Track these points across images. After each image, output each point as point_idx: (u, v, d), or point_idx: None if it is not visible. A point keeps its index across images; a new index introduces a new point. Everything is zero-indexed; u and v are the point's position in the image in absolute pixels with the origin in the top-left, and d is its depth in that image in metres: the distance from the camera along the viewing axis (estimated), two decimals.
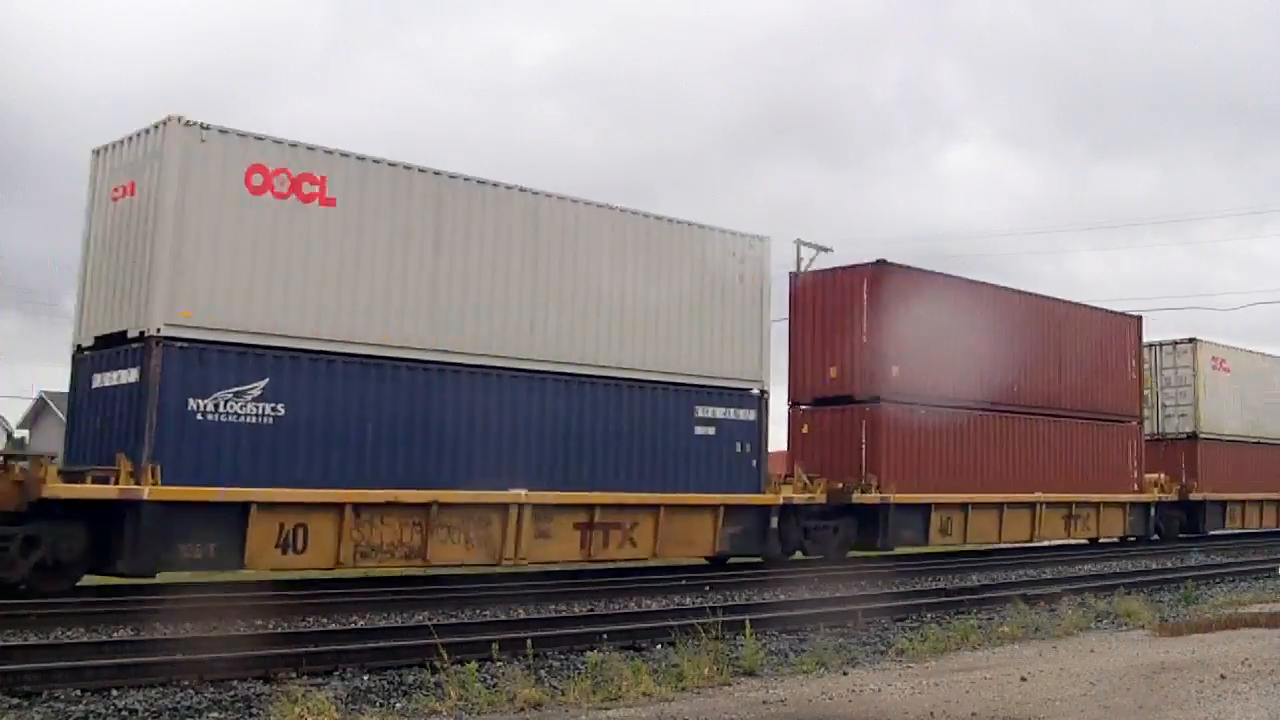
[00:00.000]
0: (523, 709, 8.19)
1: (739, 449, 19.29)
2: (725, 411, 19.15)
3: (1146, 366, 31.10)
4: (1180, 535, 30.60)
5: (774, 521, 19.54)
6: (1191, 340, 32.02)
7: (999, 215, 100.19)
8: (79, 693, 8.51)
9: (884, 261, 22.52)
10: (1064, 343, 26.33)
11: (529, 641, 10.22)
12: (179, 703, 8.41)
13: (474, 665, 9.05)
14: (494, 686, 8.75)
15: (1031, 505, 24.79)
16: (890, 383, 21.99)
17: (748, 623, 11.13)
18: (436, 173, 16.23)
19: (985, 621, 13.35)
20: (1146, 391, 30.82)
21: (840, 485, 21.06)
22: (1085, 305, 27.73)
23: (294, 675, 9.13)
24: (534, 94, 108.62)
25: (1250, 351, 34.55)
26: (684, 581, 17.35)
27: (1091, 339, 27.28)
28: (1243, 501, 33.08)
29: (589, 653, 10.34)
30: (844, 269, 23.37)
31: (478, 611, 13.96)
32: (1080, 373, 26.66)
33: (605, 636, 11.18)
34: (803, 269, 33.25)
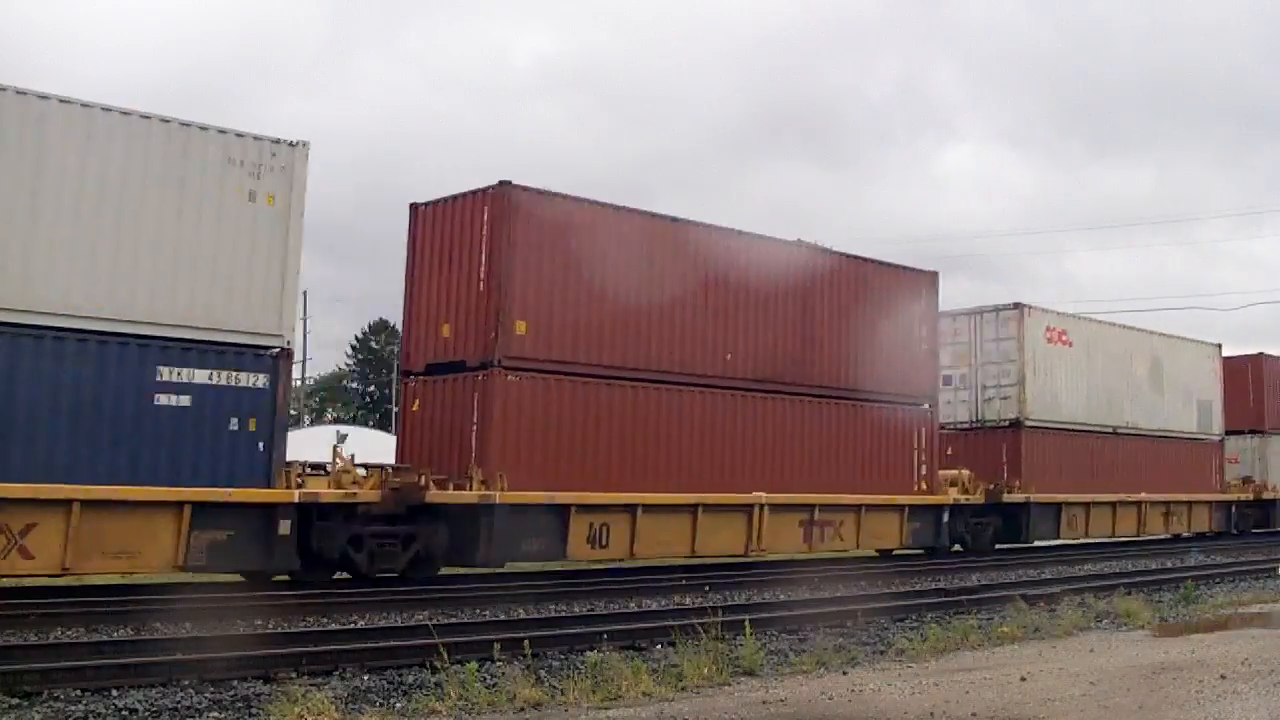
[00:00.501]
0: (523, 709, 8.20)
1: (235, 426, 14.26)
2: (212, 375, 14.11)
3: (963, 339, 25.97)
4: (997, 546, 24.79)
5: (283, 527, 14.30)
6: (1017, 306, 25.85)
7: (997, 215, 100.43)
8: (79, 693, 8.53)
9: (508, 182, 16.98)
10: (813, 301, 20.73)
11: (528, 641, 10.24)
12: (179, 703, 8.43)
13: (474, 665, 9.05)
14: (494, 686, 8.76)
15: (748, 509, 19.18)
16: (513, 343, 16.69)
17: (748, 622, 11.15)
18: None
19: (985, 621, 13.36)
20: (965, 370, 25.86)
21: (418, 479, 15.53)
22: (850, 255, 22.05)
23: (294, 675, 9.14)
24: (531, 94, 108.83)
25: (1103, 322, 28.43)
26: (684, 581, 17.37)
27: (860, 298, 21.64)
28: (1086, 504, 26.52)
29: (589, 653, 10.34)
30: (464, 195, 17.65)
31: (477, 611, 13.97)
32: (840, 340, 21.06)
33: (605, 636, 11.18)
34: None
